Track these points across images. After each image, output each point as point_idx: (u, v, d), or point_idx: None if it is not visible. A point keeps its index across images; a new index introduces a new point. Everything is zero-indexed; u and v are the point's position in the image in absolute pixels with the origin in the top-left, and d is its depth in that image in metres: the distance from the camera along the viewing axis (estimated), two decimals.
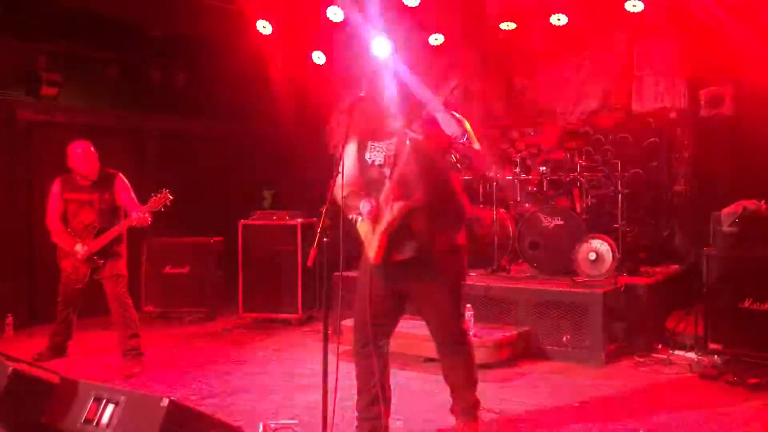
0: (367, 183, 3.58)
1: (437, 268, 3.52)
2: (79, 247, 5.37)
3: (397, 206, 3.40)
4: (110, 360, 5.63)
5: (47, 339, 5.73)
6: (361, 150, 3.62)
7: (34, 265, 7.23)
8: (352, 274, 6.61)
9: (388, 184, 3.45)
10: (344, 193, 3.52)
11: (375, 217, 3.46)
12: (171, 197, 5.38)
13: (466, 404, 3.72)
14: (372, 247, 3.48)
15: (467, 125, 3.65)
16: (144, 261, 7.58)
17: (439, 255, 3.50)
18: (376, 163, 3.55)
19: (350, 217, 3.54)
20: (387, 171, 3.48)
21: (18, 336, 6.64)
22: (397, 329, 3.80)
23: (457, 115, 3.63)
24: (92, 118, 7.74)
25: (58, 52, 7.49)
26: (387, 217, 3.42)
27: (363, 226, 3.53)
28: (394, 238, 3.44)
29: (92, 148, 5.56)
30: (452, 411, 3.79)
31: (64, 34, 7.45)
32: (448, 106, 3.56)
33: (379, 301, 3.57)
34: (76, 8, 7.18)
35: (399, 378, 4.90)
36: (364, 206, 3.47)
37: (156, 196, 5.37)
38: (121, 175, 5.61)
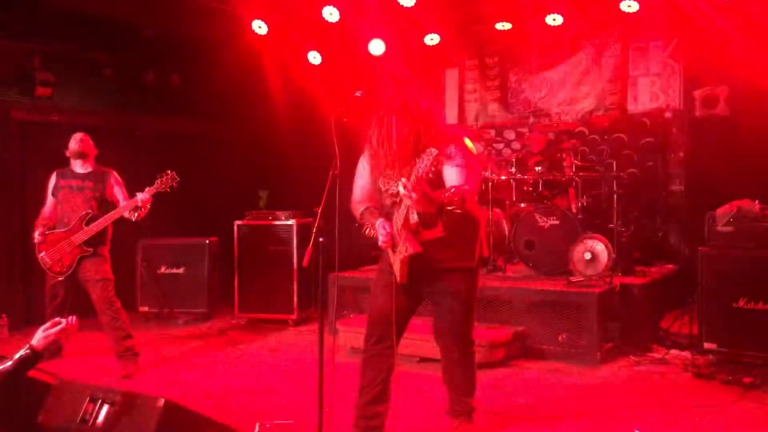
0: (382, 207, 3.61)
1: (457, 278, 3.58)
2: (36, 234, 5.39)
3: (412, 245, 3.42)
4: (106, 361, 5.61)
5: None
6: (375, 174, 3.63)
7: (30, 266, 7.20)
8: (348, 274, 6.68)
9: (401, 214, 3.45)
10: (361, 209, 3.60)
11: (390, 244, 3.49)
12: (177, 178, 5.36)
13: (462, 408, 3.76)
14: (395, 270, 3.52)
15: (471, 152, 3.59)
16: (139, 262, 7.56)
17: (457, 273, 3.57)
18: (390, 191, 3.53)
19: (365, 231, 3.60)
20: (400, 201, 3.46)
21: (13, 337, 6.62)
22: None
23: (468, 143, 3.60)
24: (86, 118, 7.72)
25: (52, 53, 7.47)
26: (403, 248, 3.43)
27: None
28: (416, 260, 3.47)
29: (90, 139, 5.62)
30: (447, 413, 3.81)
31: (59, 34, 7.44)
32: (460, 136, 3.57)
33: (392, 300, 3.56)
34: (70, 9, 7.17)
35: (400, 378, 4.90)
36: (380, 232, 3.49)
37: (162, 177, 5.36)
38: (115, 172, 5.61)
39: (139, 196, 5.31)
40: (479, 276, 3.74)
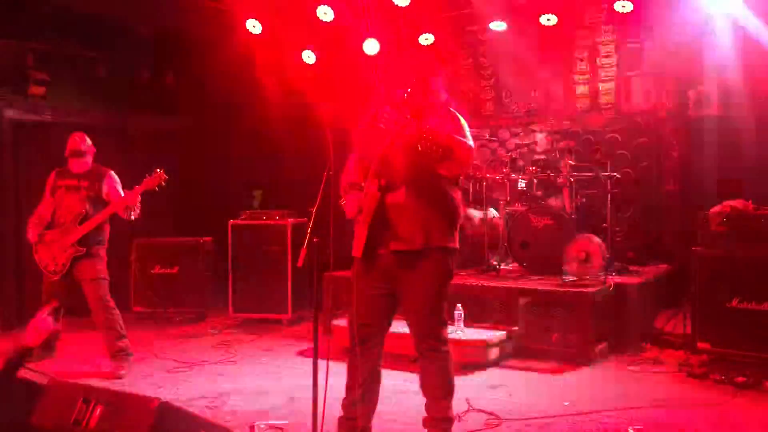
0: (363, 174, 3.53)
1: (421, 266, 3.43)
2: (31, 234, 5.45)
3: (372, 195, 3.37)
4: (99, 361, 5.61)
5: None
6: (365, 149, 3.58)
7: (22, 265, 7.18)
8: (343, 274, 6.67)
9: (370, 176, 3.42)
10: (346, 184, 3.54)
11: (357, 207, 3.43)
12: (165, 176, 5.35)
13: (437, 415, 3.55)
14: (355, 238, 3.46)
15: (462, 121, 3.53)
16: (133, 261, 7.55)
17: (424, 253, 3.41)
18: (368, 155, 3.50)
19: (340, 202, 3.51)
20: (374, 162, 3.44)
21: (5, 336, 6.60)
22: (392, 329, 3.77)
23: (453, 111, 3.56)
24: (80, 117, 7.71)
25: (46, 51, 7.46)
26: (365, 207, 3.39)
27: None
28: (376, 230, 3.40)
29: (86, 137, 5.62)
30: (424, 424, 3.63)
31: (53, 32, 7.42)
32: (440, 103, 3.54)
33: (368, 300, 3.53)
34: (64, 7, 7.15)
35: (392, 378, 4.91)
36: (349, 197, 3.45)
37: (150, 175, 5.35)
38: (112, 172, 5.61)
39: (127, 195, 5.32)
40: (449, 267, 3.53)
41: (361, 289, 3.53)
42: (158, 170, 5.37)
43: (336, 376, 3.56)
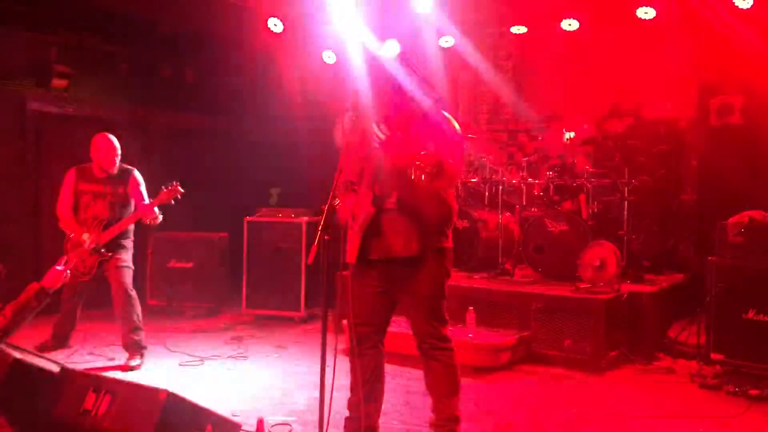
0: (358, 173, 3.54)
1: (418, 270, 3.44)
2: (86, 236, 5.41)
3: (366, 208, 3.38)
4: (112, 352, 5.67)
5: (51, 329, 5.76)
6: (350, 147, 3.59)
7: (41, 255, 7.27)
8: None
9: (364, 184, 3.43)
10: (342, 180, 3.53)
11: (349, 213, 3.44)
12: (182, 190, 5.40)
13: (443, 415, 3.55)
14: (349, 246, 3.46)
15: (454, 124, 3.52)
16: (149, 255, 7.61)
17: (418, 256, 3.41)
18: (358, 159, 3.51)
19: (335, 204, 3.49)
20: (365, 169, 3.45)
21: (24, 329, 6.67)
22: (395, 329, 3.76)
23: (446, 114, 3.54)
24: (101, 110, 7.79)
25: (69, 45, 7.55)
26: (358, 216, 3.40)
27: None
28: (370, 239, 3.41)
29: (116, 142, 5.60)
30: (430, 424, 3.63)
31: (76, 26, 7.52)
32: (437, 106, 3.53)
33: (364, 300, 3.54)
34: (88, 2, 7.24)
35: (399, 378, 4.91)
36: (342, 202, 3.46)
37: (166, 188, 5.40)
38: (136, 171, 5.65)
39: (142, 209, 5.42)
40: (446, 266, 3.53)
41: (357, 289, 3.55)
42: (175, 183, 5.42)
43: (345, 374, 3.57)
